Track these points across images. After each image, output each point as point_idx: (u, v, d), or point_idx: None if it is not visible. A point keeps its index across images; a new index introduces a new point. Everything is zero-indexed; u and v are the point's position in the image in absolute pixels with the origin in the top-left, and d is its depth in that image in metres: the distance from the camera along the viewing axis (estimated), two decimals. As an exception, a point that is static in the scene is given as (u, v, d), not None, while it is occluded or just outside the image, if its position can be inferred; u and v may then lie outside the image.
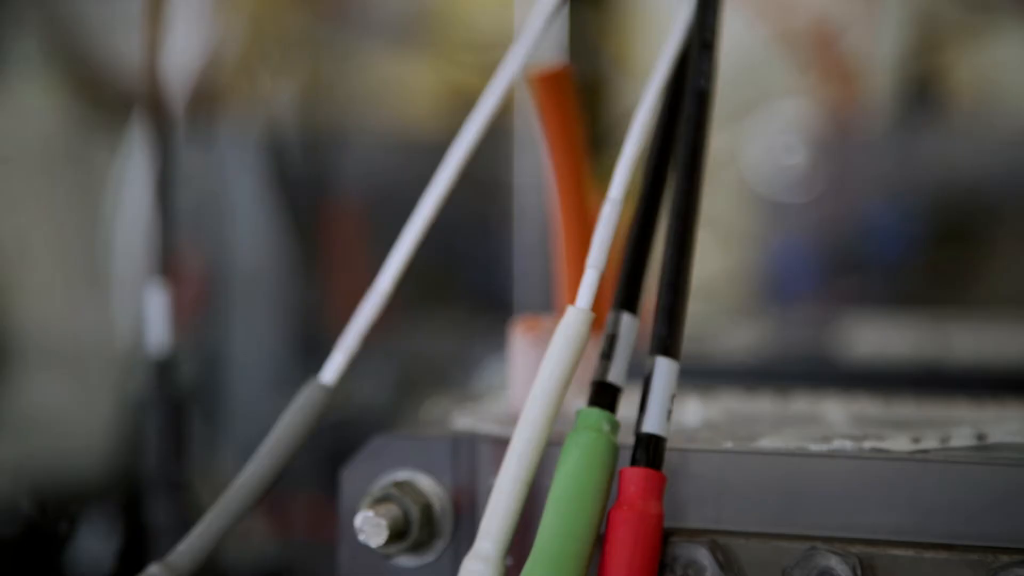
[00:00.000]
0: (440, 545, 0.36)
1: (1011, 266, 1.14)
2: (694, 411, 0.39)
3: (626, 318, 0.35)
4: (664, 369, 0.34)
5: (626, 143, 0.35)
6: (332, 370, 0.37)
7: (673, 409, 0.39)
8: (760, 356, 0.69)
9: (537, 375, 0.34)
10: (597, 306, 0.36)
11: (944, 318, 0.86)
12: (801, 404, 0.41)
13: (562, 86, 0.41)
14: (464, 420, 0.38)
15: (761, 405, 0.41)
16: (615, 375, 0.35)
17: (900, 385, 0.52)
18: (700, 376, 0.62)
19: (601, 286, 0.36)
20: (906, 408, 0.41)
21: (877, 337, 0.70)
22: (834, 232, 1.17)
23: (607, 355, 0.35)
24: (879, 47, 1.28)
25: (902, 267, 1.14)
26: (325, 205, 0.92)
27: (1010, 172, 1.17)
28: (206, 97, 0.80)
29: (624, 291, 0.36)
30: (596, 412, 0.34)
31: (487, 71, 0.40)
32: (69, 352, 0.81)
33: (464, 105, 0.42)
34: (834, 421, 0.39)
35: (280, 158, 0.87)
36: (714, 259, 1.23)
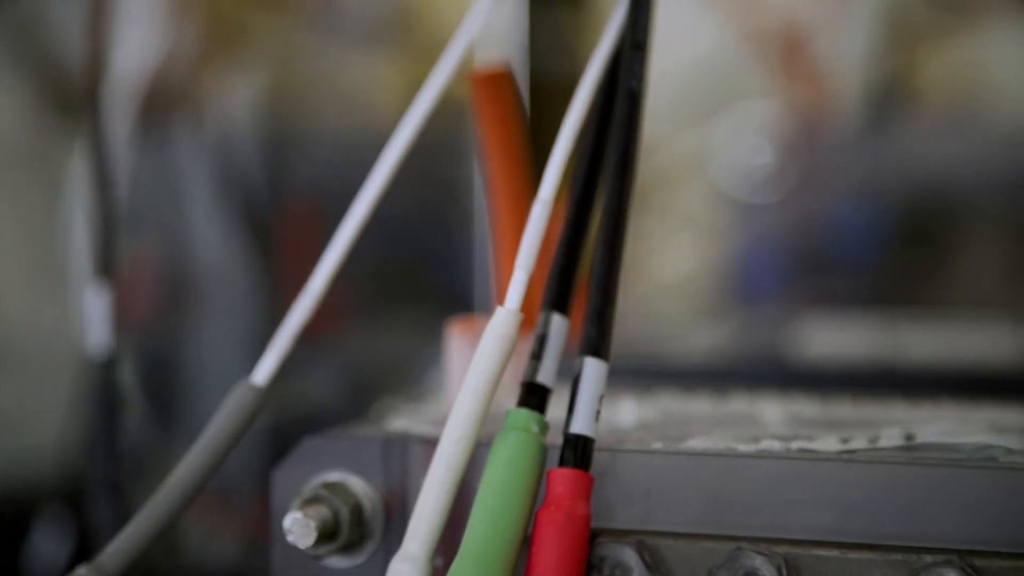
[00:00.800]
0: (371, 546, 0.36)
1: (978, 267, 1.14)
2: (629, 411, 0.39)
3: (556, 319, 0.35)
4: (593, 370, 0.34)
5: (557, 144, 0.35)
6: (264, 371, 0.37)
7: (603, 410, 0.39)
8: (718, 356, 0.69)
9: (466, 376, 0.34)
10: (532, 307, 0.36)
11: (905, 319, 0.86)
12: (739, 405, 0.41)
13: (501, 86, 0.41)
14: (398, 421, 0.38)
15: (699, 406, 0.41)
16: (544, 376, 0.35)
17: (853, 386, 0.52)
18: (655, 376, 0.62)
19: (536, 287, 0.36)
20: (843, 408, 0.41)
21: (834, 338, 0.70)
22: (802, 233, 1.17)
23: (537, 355, 0.35)
24: (848, 48, 1.29)
25: (869, 268, 1.15)
26: (289, 206, 0.92)
27: (979, 173, 1.17)
28: (161, 98, 0.80)
29: (555, 292, 0.36)
30: (525, 413, 0.34)
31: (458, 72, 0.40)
32: (28, 352, 0.81)
33: (441, 107, 0.42)
34: (770, 422, 0.40)
35: (237, 159, 0.87)
36: (683, 259, 1.23)
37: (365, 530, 0.36)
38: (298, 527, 0.34)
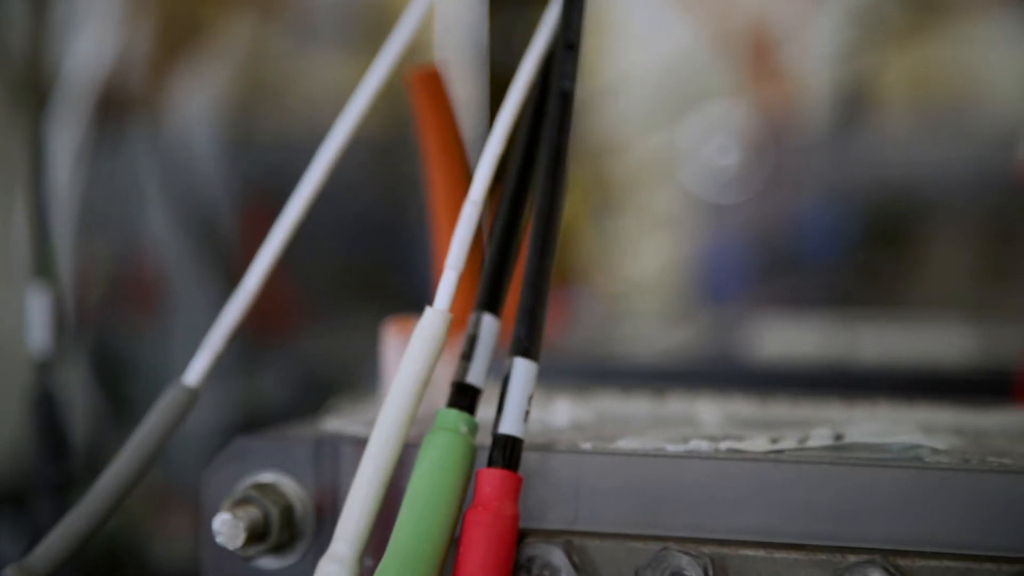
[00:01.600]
0: (302, 547, 0.36)
1: (942, 268, 1.15)
2: (563, 412, 0.39)
3: (487, 319, 0.35)
4: (522, 370, 0.34)
5: (488, 144, 0.35)
6: (196, 371, 0.37)
7: (539, 410, 0.39)
8: (674, 357, 0.69)
9: (394, 377, 0.34)
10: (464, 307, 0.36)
11: (865, 319, 0.86)
12: (677, 405, 0.41)
13: (436, 85, 0.41)
14: (333, 421, 0.38)
15: (637, 406, 0.41)
16: (474, 376, 0.35)
17: (804, 386, 0.53)
18: (608, 376, 0.62)
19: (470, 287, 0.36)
20: (781, 409, 0.41)
21: (789, 338, 0.70)
22: (768, 233, 1.17)
23: (467, 356, 0.35)
24: (815, 48, 1.29)
25: (835, 268, 1.15)
26: (249, 206, 0.92)
27: (945, 174, 1.17)
28: (117, 98, 0.79)
29: (486, 292, 0.36)
30: (454, 413, 0.34)
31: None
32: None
33: (402, 106, 0.42)
34: (706, 422, 0.40)
35: (195, 160, 0.87)
36: (650, 259, 1.23)
37: (296, 531, 0.36)
38: (227, 528, 0.34)
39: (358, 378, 0.83)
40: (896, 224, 1.17)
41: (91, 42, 0.74)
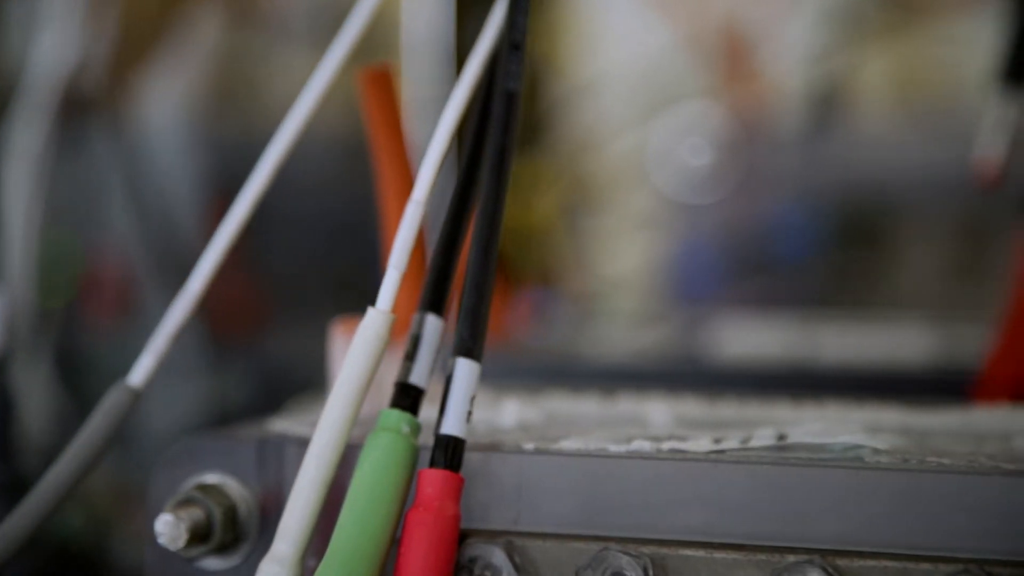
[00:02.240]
0: (246, 547, 0.36)
1: (914, 268, 1.15)
2: (510, 412, 0.39)
3: (431, 319, 0.35)
4: (464, 371, 0.34)
5: (431, 144, 0.35)
6: (140, 372, 0.37)
7: (486, 411, 0.39)
8: (640, 357, 0.69)
9: (337, 377, 0.34)
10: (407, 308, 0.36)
11: (834, 319, 0.86)
12: (627, 405, 0.41)
13: (386, 85, 0.41)
14: (280, 422, 0.38)
15: (586, 407, 0.41)
16: (418, 376, 0.35)
17: (765, 386, 0.53)
18: (577, 376, 0.62)
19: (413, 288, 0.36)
20: (729, 409, 0.41)
21: (753, 338, 0.70)
22: (741, 233, 1.18)
23: (410, 356, 0.35)
24: (789, 49, 1.29)
25: (807, 268, 1.15)
26: (215, 206, 0.92)
27: (918, 175, 1.17)
28: (80, 99, 0.79)
29: (430, 292, 0.36)
30: (396, 414, 0.34)
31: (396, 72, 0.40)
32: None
33: None
34: (654, 422, 0.40)
35: (161, 160, 0.87)
36: (623, 259, 1.23)
37: (240, 532, 0.36)
38: (169, 529, 0.34)
39: (324, 378, 0.83)
40: (869, 225, 1.18)
41: (53, 42, 0.74)
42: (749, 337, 0.71)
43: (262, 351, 0.91)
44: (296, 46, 1.05)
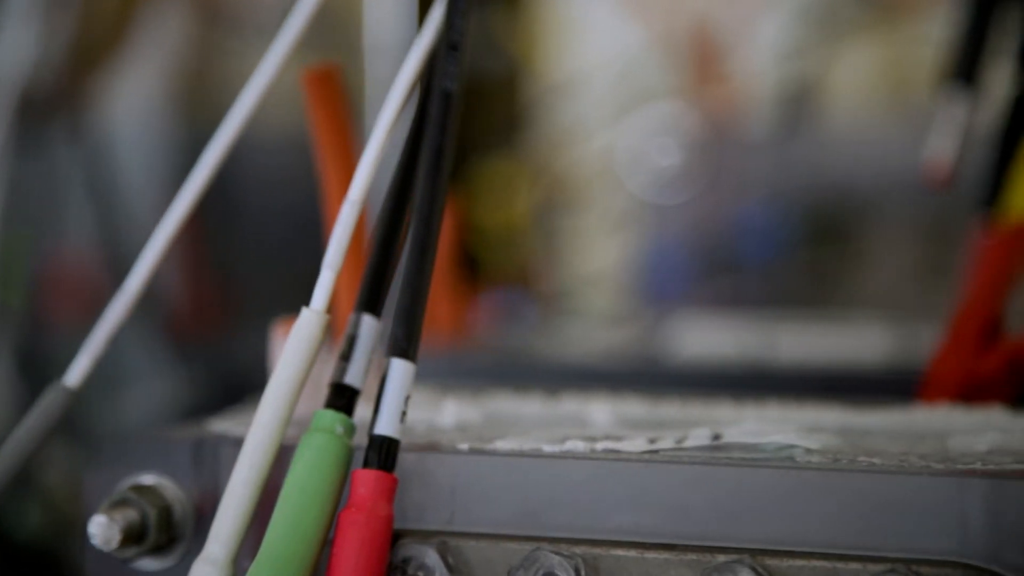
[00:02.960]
0: (181, 548, 0.36)
1: (882, 269, 1.15)
2: (449, 412, 0.39)
3: (367, 319, 0.35)
4: (399, 371, 0.34)
5: (368, 144, 0.35)
6: (76, 372, 0.37)
7: (426, 411, 0.39)
8: (597, 356, 0.70)
9: (270, 378, 0.34)
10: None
11: (798, 319, 0.86)
12: (569, 406, 0.41)
13: (331, 85, 0.41)
14: (220, 423, 0.38)
15: (529, 407, 0.41)
16: (353, 377, 0.35)
17: (719, 386, 0.53)
18: (533, 376, 0.62)
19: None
20: (671, 409, 0.41)
21: (713, 338, 0.70)
22: (709, 233, 1.18)
23: (346, 356, 0.35)
24: (760, 51, 1.29)
25: (775, 268, 1.15)
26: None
27: (886, 175, 1.18)
28: (39, 100, 0.79)
29: (367, 292, 0.36)
30: (330, 414, 0.34)
31: (366, 71, 0.40)
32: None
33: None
34: (595, 422, 0.40)
35: (125, 159, 0.86)
36: (592, 259, 1.23)
37: (175, 533, 0.36)
38: (102, 530, 0.34)
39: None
40: (838, 226, 1.18)
41: (11, 44, 0.74)
42: (710, 337, 0.71)
43: (235, 349, 0.91)
44: (267, 45, 1.05)
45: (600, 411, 0.40)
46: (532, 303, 1.12)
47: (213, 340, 0.90)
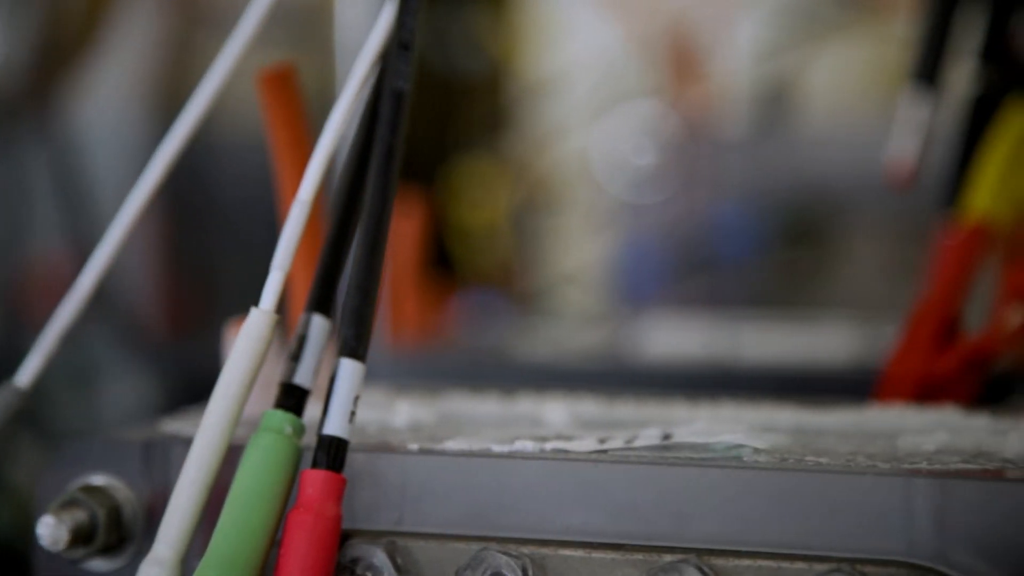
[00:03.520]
0: (132, 549, 0.36)
1: (856, 267, 1.15)
2: (404, 412, 0.39)
3: (317, 320, 0.35)
4: (348, 371, 0.34)
5: (319, 144, 0.35)
6: (27, 373, 0.36)
7: (379, 411, 0.39)
8: (563, 355, 0.70)
9: (219, 378, 0.34)
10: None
11: (770, 318, 0.86)
12: (525, 406, 0.41)
13: (286, 85, 0.41)
14: (172, 423, 0.38)
15: (484, 407, 0.41)
16: (302, 377, 0.34)
17: (682, 386, 0.53)
18: (500, 376, 0.62)
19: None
20: (626, 409, 0.41)
21: (679, 338, 0.70)
22: (685, 232, 1.18)
23: (295, 357, 0.35)
24: (737, 50, 1.29)
25: (751, 267, 1.16)
26: (159, 206, 0.91)
27: (861, 175, 1.18)
28: (5, 101, 0.79)
29: (317, 292, 0.35)
30: (279, 414, 0.34)
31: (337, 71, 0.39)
32: None
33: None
34: (550, 422, 0.40)
35: (95, 162, 0.86)
36: (569, 258, 1.23)
37: (125, 533, 0.35)
38: (50, 531, 0.34)
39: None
40: (812, 225, 1.18)
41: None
42: (677, 337, 0.71)
43: (208, 348, 0.90)
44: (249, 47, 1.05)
45: (555, 411, 0.40)
46: (508, 303, 1.12)
47: (186, 339, 0.89)
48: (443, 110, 1.36)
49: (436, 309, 0.77)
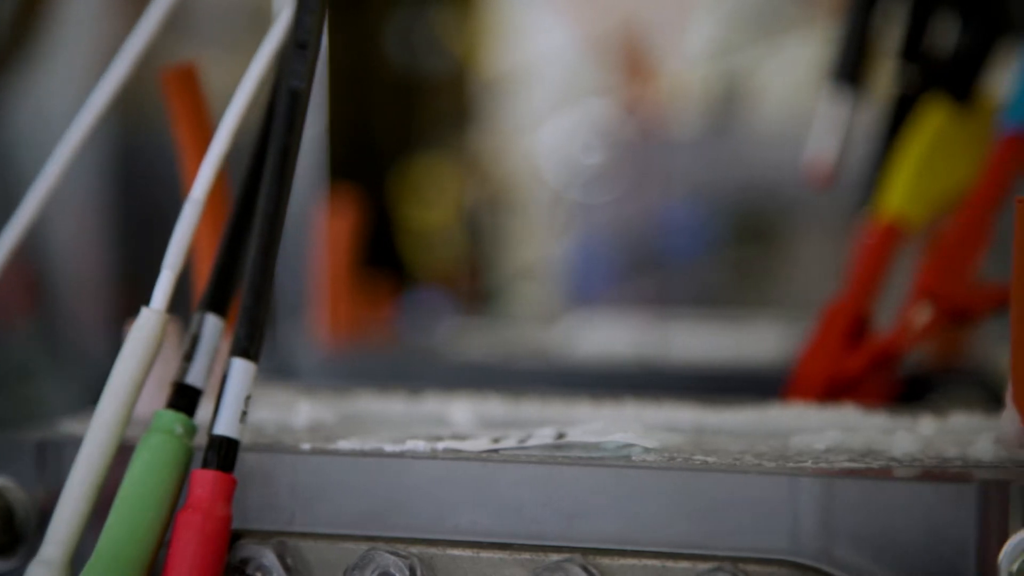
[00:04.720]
0: (24, 550, 0.35)
1: (805, 267, 1.16)
2: (303, 412, 0.39)
3: (211, 319, 0.35)
4: (240, 371, 0.34)
5: (212, 143, 0.35)
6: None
7: (278, 410, 0.39)
8: (493, 355, 0.70)
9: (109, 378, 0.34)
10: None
11: (713, 317, 0.87)
12: (431, 405, 0.41)
13: (190, 83, 0.41)
14: (68, 423, 0.38)
15: (391, 407, 0.41)
16: (195, 377, 0.34)
17: (610, 385, 0.53)
18: (434, 377, 0.62)
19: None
20: (531, 408, 0.41)
21: (609, 337, 0.70)
22: (635, 231, 1.18)
23: (188, 356, 0.35)
24: (688, 49, 1.30)
25: (698, 266, 1.16)
26: (113, 205, 0.91)
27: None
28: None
29: (212, 292, 0.35)
30: (170, 415, 0.34)
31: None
32: None
33: None
34: (454, 422, 0.40)
35: (31, 161, 0.86)
36: (518, 259, 1.23)
37: (17, 534, 0.35)
38: (-61, 532, 0.34)
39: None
40: (763, 224, 1.18)
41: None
42: (611, 336, 0.71)
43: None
44: (206, 47, 1.05)
45: (460, 411, 0.40)
46: (456, 302, 1.12)
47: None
48: (405, 108, 1.36)
49: (375, 308, 0.77)
